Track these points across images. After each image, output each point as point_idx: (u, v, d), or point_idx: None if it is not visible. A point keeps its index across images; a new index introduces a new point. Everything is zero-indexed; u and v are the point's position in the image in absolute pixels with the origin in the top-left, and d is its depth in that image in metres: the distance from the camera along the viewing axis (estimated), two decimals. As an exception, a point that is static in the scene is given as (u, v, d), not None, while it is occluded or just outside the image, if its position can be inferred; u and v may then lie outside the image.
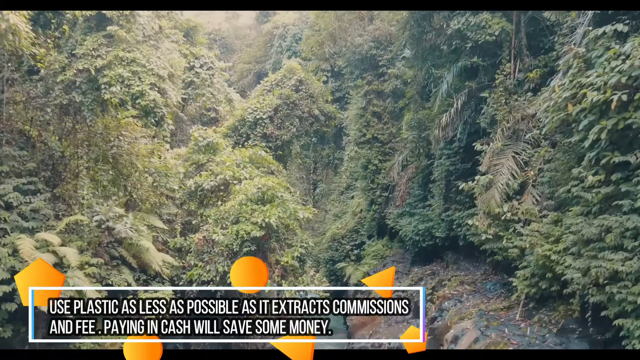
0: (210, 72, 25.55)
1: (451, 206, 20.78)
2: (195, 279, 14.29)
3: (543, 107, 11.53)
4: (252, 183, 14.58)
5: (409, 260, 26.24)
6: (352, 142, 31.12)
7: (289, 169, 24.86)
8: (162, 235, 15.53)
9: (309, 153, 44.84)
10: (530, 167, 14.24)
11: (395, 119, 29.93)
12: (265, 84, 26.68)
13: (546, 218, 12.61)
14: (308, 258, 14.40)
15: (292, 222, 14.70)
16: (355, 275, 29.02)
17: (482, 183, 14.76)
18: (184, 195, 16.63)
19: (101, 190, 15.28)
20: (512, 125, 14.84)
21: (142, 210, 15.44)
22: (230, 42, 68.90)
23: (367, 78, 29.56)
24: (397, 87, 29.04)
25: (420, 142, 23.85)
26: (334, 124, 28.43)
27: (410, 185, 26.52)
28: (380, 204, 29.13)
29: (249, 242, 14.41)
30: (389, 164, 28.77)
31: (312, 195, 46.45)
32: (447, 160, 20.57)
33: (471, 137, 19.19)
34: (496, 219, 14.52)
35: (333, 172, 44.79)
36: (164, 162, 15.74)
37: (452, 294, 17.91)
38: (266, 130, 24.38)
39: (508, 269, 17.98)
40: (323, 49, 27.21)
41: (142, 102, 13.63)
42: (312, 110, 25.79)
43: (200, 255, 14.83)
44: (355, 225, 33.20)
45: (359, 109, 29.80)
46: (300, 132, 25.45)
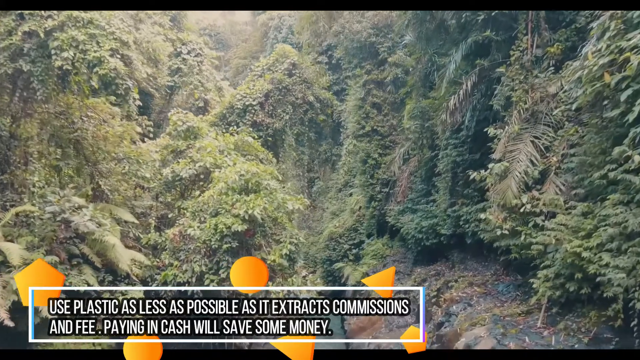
0: (199, 59, 23.79)
1: (458, 201, 19.11)
2: (170, 280, 12.49)
3: (574, 77, 9.84)
4: (234, 169, 12.65)
5: (411, 260, 24.53)
6: (351, 135, 29.39)
7: (282, 161, 22.94)
8: (135, 230, 13.74)
9: (305, 149, 43.40)
10: (552, 152, 12.54)
11: (396, 110, 28.27)
12: (256, 69, 24.82)
13: (575, 209, 10.89)
14: (299, 256, 12.65)
15: (281, 215, 12.86)
16: (354, 276, 27.48)
17: (497, 171, 13.05)
18: (160, 186, 14.78)
19: (61, 179, 13.44)
20: (530, 106, 13.14)
21: (111, 202, 13.67)
22: (226, 38, 67.61)
23: (366, 67, 27.93)
24: (398, 76, 27.40)
25: (424, 132, 22.17)
26: (330, 112, 26.56)
27: (413, 179, 24.82)
28: (380, 201, 27.46)
29: (229, 237, 12.64)
30: (389, 157, 27.09)
31: (309, 193, 44.85)
32: (454, 151, 18.89)
33: (480, 125, 17.54)
34: (513, 212, 12.82)
35: (331, 169, 43.18)
36: (137, 148, 13.88)
37: (461, 296, 16.18)
38: (256, 117, 22.46)
39: (522, 269, 16.31)
40: (317, 24, 25.29)
41: (101, 71, 11.82)
42: (306, 97, 23.73)
43: (176, 253, 13.02)
44: (353, 224, 31.55)
45: (357, 100, 28.11)
46: (293, 120, 23.50)
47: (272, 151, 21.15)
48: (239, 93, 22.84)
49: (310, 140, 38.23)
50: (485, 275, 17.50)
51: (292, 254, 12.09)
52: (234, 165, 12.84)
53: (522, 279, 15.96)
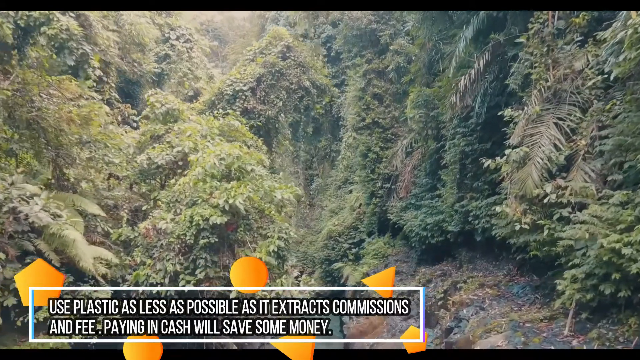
0: (188, 45, 22.20)
1: (466, 195, 17.60)
2: (142, 280, 10.87)
3: (614, 40, 8.28)
4: (213, 152, 10.97)
5: (415, 260, 22.99)
6: (350, 128, 27.84)
7: (275, 152, 21.24)
8: (104, 224, 12.11)
9: (302, 144, 41.85)
10: (579, 135, 11.00)
11: (398, 101, 26.73)
12: (247, 53, 23.19)
13: (610, 199, 9.34)
14: (290, 254, 11.01)
15: (268, 205, 11.20)
16: (354, 277, 26.04)
17: (515, 158, 11.53)
18: (134, 175, 13.16)
19: (19, 165, 11.82)
20: (552, 84, 11.61)
21: (78, 192, 12.05)
22: (223, 33, 66.50)
23: (366, 56, 26.39)
24: (400, 65, 25.84)
25: (428, 122, 20.63)
26: (328, 100, 24.87)
27: (416, 173, 23.27)
28: (382, 197, 25.92)
29: (207, 231, 10.92)
30: (391, 151, 25.56)
31: (308, 191, 43.36)
32: (462, 140, 17.36)
33: (491, 112, 16.05)
34: (533, 204, 11.30)
35: (330, 166, 41.73)
36: (104, 129, 12.24)
37: (471, 299, 14.64)
38: (247, 104, 20.75)
39: (538, 269, 14.80)
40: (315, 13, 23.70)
41: (49, 31, 10.26)
42: (301, 81, 21.88)
43: (150, 250, 11.42)
44: (353, 222, 30.04)
45: (357, 91, 26.57)
46: (287, 107, 21.75)
47: (265, 142, 19.49)
48: (229, 78, 21.13)
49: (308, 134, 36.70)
50: (498, 276, 15.95)
51: (281, 251, 10.40)
52: (214, 148, 11.14)
53: (540, 280, 14.46)
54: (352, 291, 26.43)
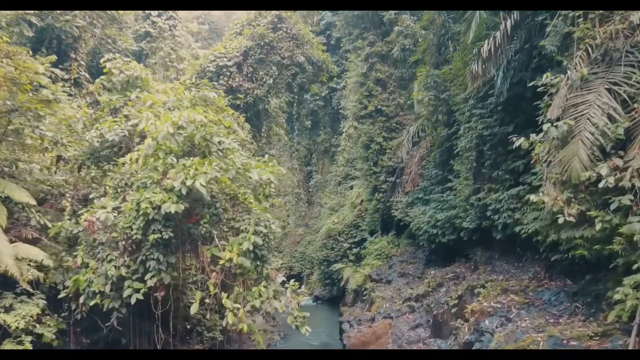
0: (172, 23, 19.91)
1: (484, 186, 15.38)
2: (83, 287, 8.48)
3: None
4: (169, 119, 8.47)
5: (423, 260, 20.76)
6: (351, 117, 25.58)
7: (265, 137, 18.77)
8: (40, 216, 9.70)
9: (301, 139, 39.61)
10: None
11: (403, 87, 24.53)
12: (234, 26, 20.72)
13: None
14: (271, 253, 8.41)
15: (243, 190, 8.75)
16: (355, 279, 23.87)
17: (555, 135, 9.26)
18: (82, 155, 10.72)
19: None
20: (602, 42, 9.31)
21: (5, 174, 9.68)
22: (220, 27, 64.67)
23: (368, 38, 24.21)
24: (406, 47, 23.62)
25: (439, 105, 18.37)
26: (325, 78, 22.46)
27: (424, 165, 21.02)
28: (385, 192, 23.70)
29: (159, 223, 8.24)
30: (395, 141, 23.32)
31: (307, 188, 41.17)
32: (480, 123, 15.12)
33: (514, 90, 13.86)
34: (580, 191, 9.01)
35: (329, 161, 39.56)
36: (37, 94, 9.86)
37: (494, 307, 12.35)
38: (232, 81, 18.22)
39: (572, 271, 12.55)
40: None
41: None
42: (295, 56, 19.22)
43: (95, 248, 9.03)
44: (354, 219, 27.83)
45: (359, 76, 24.36)
46: (279, 85, 19.28)
47: (254, 127, 17.13)
48: (212, 53, 18.58)
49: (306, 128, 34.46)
50: (522, 280, 13.66)
51: (259, 250, 7.76)
52: (170, 114, 8.58)
53: (576, 285, 12.18)
54: (354, 294, 24.36)
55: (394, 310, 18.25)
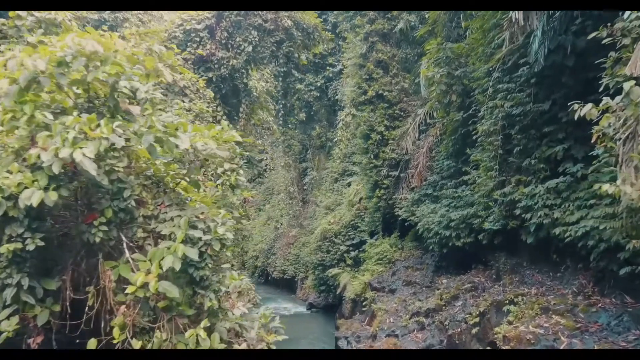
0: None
1: (511, 178, 12.65)
2: None
3: None
4: (46, 50, 5.18)
5: (432, 267, 17.94)
6: (349, 103, 22.73)
7: (243, 119, 15.81)
8: None
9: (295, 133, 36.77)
10: None
11: (407, 69, 21.73)
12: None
13: None
14: (224, 272, 5.12)
15: (169, 166, 5.29)
16: (353, 287, 21.14)
17: (636, 98, 6.43)
18: None
19: None
20: None
21: None
22: (214, 20, 61.62)
23: (368, 15, 21.35)
24: (411, 24, 20.87)
25: (453, 84, 15.55)
26: (318, 51, 19.51)
27: (434, 156, 18.22)
28: (388, 188, 20.88)
29: (18, 223, 4.33)
30: (399, 130, 20.51)
31: (301, 185, 38.37)
32: (508, 100, 12.35)
33: (551, 59, 11.17)
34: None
35: (325, 157, 36.76)
36: None
37: (535, 334, 9.52)
38: (202, 49, 15.15)
39: (631, 286, 9.76)
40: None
41: None
42: (280, 20, 15.83)
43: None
44: (352, 219, 24.98)
45: (357, 58, 21.58)
46: (260, 54, 16.11)
47: (229, 107, 14.10)
48: (180, 17, 15.52)
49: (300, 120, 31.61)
50: (565, 295, 10.85)
51: (196, 269, 4.56)
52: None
53: (636, 304, 9.41)
54: (352, 303, 21.64)
55: (399, 326, 15.44)
